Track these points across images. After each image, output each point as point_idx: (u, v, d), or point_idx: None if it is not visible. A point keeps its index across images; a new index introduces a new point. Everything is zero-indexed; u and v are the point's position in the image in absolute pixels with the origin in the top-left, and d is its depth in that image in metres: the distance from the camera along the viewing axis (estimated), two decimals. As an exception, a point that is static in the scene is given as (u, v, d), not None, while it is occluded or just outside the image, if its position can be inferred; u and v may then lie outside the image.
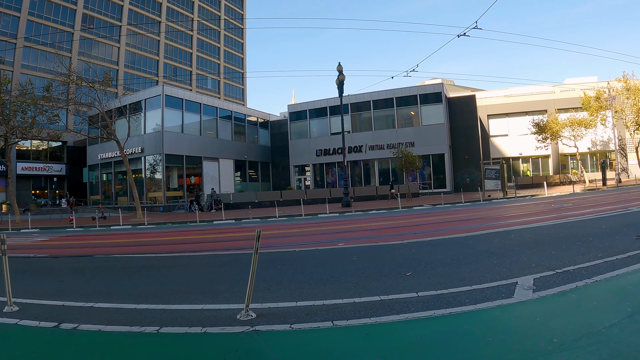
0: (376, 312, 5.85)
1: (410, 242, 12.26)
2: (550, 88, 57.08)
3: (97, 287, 8.60)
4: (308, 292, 7.27)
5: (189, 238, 18.58)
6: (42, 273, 10.89)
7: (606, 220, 14.59)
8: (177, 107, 43.29)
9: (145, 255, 13.20)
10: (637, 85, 45.09)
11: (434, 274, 8.05)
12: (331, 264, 9.73)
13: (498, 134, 55.48)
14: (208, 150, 46.70)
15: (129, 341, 5.31)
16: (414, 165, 37.99)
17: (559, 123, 44.36)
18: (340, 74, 32.88)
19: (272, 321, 5.70)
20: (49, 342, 5.42)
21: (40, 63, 55.58)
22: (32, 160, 53.63)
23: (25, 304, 7.32)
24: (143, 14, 71.80)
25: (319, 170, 50.94)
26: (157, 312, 6.59)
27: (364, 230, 16.92)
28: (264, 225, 23.07)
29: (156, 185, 43.30)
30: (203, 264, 11.09)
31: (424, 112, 45.97)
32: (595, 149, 52.91)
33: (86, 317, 6.40)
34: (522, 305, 5.81)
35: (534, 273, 7.52)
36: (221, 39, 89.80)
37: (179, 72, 78.45)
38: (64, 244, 18.56)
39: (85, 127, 47.19)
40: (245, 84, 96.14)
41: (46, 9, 57.83)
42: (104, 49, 65.88)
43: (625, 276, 6.80)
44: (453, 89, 62.68)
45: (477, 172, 44.52)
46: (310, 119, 50.94)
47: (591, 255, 8.62)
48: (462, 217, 19.96)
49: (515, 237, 12.05)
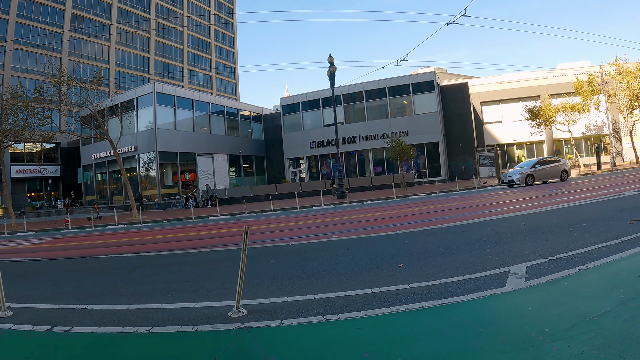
0: (367, 305, 5.82)
1: (404, 233, 12.25)
2: (543, 74, 57.15)
3: (90, 289, 8.56)
4: (300, 287, 7.24)
5: (183, 235, 18.54)
6: (37, 276, 10.85)
7: (600, 205, 14.58)
8: (169, 104, 43.24)
9: (139, 254, 13.15)
10: (630, 69, 45.27)
11: (427, 264, 8.03)
12: (324, 257, 9.70)
13: (492, 120, 55.52)
14: (202, 146, 46.69)
15: (121, 342, 5.28)
16: (408, 154, 38.02)
17: (553, 108, 44.50)
18: (332, 65, 32.83)
19: (263, 317, 5.67)
20: (43, 345, 5.38)
21: (30, 65, 55.39)
22: (26, 162, 53.53)
23: (19, 308, 7.28)
24: (132, 12, 71.55)
25: (314, 162, 51.04)
26: (149, 311, 6.55)
27: (358, 222, 16.89)
28: (259, 219, 23.07)
29: (151, 183, 43.24)
30: (196, 261, 11.06)
31: (416, 101, 46.02)
32: (589, 134, 53.05)
33: (79, 320, 6.37)
34: (514, 294, 5.77)
35: (526, 261, 7.49)
36: (212, 34, 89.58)
37: (170, 68, 78.25)
38: (59, 246, 18.50)
39: (78, 127, 47.10)
40: (237, 79, 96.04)
41: (35, 10, 57.61)
42: (94, 48, 65.67)
43: (619, 262, 6.76)
44: (446, 77, 62.62)
45: (472, 160, 44.59)
46: (303, 111, 50.98)
47: (585, 242, 8.60)
48: (457, 206, 19.95)
49: (508, 224, 12.03)
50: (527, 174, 29.78)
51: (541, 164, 30.90)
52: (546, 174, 30.54)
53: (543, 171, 30.41)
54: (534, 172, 29.97)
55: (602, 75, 44.09)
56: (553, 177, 30.81)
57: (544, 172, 30.47)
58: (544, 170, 30.43)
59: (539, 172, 30.19)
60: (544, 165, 30.73)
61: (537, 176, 30.07)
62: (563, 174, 30.86)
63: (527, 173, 29.83)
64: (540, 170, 30.31)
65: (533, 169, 30.19)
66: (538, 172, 30.15)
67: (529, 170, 30.05)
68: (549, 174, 30.64)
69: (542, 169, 30.40)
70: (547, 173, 30.58)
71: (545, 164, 31.05)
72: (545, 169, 30.53)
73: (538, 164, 30.75)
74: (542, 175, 30.39)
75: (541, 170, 30.34)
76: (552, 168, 30.78)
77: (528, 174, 29.79)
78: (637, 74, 44.56)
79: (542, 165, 30.76)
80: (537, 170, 30.15)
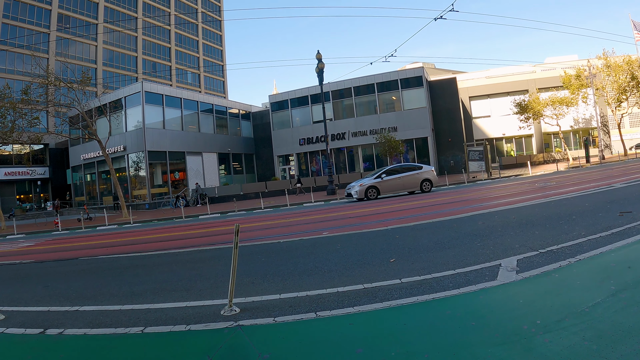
0: (359, 300, 5.84)
1: (395, 228, 12.27)
2: (531, 68, 57.45)
3: (82, 290, 8.51)
4: (292, 284, 7.25)
5: (174, 235, 18.48)
6: (28, 279, 10.77)
7: (590, 197, 14.68)
8: (157, 103, 43.07)
9: (130, 254, 13.10)
10: (617, 62, 45.54)
11: (418, 259, 8.06)
12: (315, 254, 9.71)
13: (480, 115, 55.77)
14: (191, 145, 46.57)
15: (114, 343, 5.26)
16: (398, 149, 38.16)
17: (541, 102, 44.71)
18: (320, 61, 32.87)
19: (256, 315, 5.68)
20: (35, 348, 5.36)
21: (17, 66, 54.93)
22: (14, 164, 53.09)
23: (11, 311, 7.23)
24: (119, 11, 71.12)
25: (303, 159, 51.06)
26: (142, 312, 6.54)
27: (349, 218, 16.90)
28: (250, 217, 23.04)
29: (140, 182, 43.09)
30: (187, 260, 11.03)
31: (405, 96, 46.15)
32: (577, 127, 53.43)
33: (72, 322, 6.33)
34: (506, 287, 5.81)
35: (517, 254, 7.53)
36: (199, 32, 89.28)
37: (158, 67, 77.88)
38: (50, 248, 18.38)
39: (66, 128, 46.88)
40: (225, 77, 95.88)
41: (21, 11, 57.11)
42: (81, 48, 65.23)
43: (609, 254, 6.81)
44: (434, 72, 62.83)
45: (461, 154, 44.81)
46: (292, 108, 50.99)
47: (575, 234, 8.66)
48: (447, 200, 20.01)
49: (499, 218, 12.09)
50: (368, 186, 25.64)
51: (390, 173, 26.45)
52: (398, 186, 26.26)
53: (392, 182, 26.06)
54: (378, 184, 25.76)
55: (589, 69, 44.32)
56: (409, 188, 26.53)
57: (394, 183, 26.12)
58: (393, 181, 26.08)
59: (386, 183, 25.89)
60: (394, 175, 26.28)
61: (383, 188, 25.82)
62: (425, 184, 26.52)
63: (368, 185, 25.69)
64: (389, 182, 25.97)
65: (378, 179, 25.98)
66: (385, 184, 25.86)
67: (372, 182, 25.89)
68: (403, 185, 26.32)
69: (390, 179, 26.02)
70: (398, 184, 26.24)
71: (395, 173, 26.53)
72: (395, 179, 26.12)
73: (385, 173, 26.36)
74: (391, 187, 26.10)
75: (389, 181, 25.99)
76: (406, 178, 26.31)
77: (369, 186, 25.64)
78: (625, 68, 44.81)
79: (391, 175, 26.29)
80: (384, 182, 25.85)
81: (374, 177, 26.32)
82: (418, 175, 26.44)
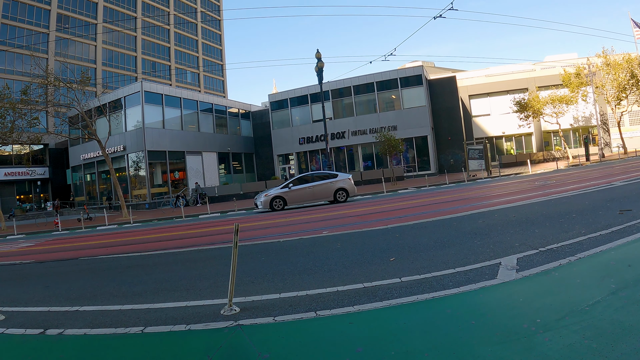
0: (359, 300, 5.84)
1: (395, 227, 12.26)
2: (530, 66, 57.45)
3: (82, 291, 8.51)
4: (292, 283, 7.25)
5: (174, 234, 18.46)
6: (28, 279, 10.77)
7: (589, 196, 14.68)
8: (157, 103, 43.02)
9: (130, 254, 13.08)
10: (617, 60, 45.51)
11: (418, 257, 8.05)
12: (315, 253, 9.70)
13: (480, 113, 55.70)
14: (190, 145, 46.52)
15: (114, 343, 5.26)
16: (397, 148, 38.09)
17: (540, 101, 44.67)
18: (319, 60, 32.78)
19: (256, 314, 5.68)
20: (35, 349, 5.36)
21: (16, 66, 54.88)
22: (14, 165, 53.00)
23: (11, 312, 7.24)
24: (119, 11, 71.08)
25: (303, 158, 50.99)
26: (141, 312, 6.53)
27: (349, 217, 16.88)
28: (249, 216, 23.00)
29: (140, 182, 43.06)
30: (187, 260, 11.02)
31: (405, 95, 46.11)
32: (577, 125, 53.37)
33: (72, 322, 6.33)
34: (506, 286, 5.81)
35: (517, 253, 7.53)
36: (199, 31, 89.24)
37: (157, 67, 77.84)
38: (50, 248, 18.37)
39: (65, 128, 46.83)
40: (225, 76, 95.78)
41: (20, 11, 57.07)
42: (81, 48, 65.18)
43: (609, 252, 6.81)
44: (434, 70, 62.72)
45: (461, 153, 44.78)
46: (291, 107, 50.93)
47: (574, 232, 8.65)
48: (446, 199, 19.99)
49: (499, 216, 12.08)
50: (274, 196, 24.64)
51: (300, 182, 25.41)
52: (307, 195, 25.03)
53: (301, 192, 24.93)
54: (285, 194, 24.75)
55: (589, 67, 44.31)
56: (320, 198, 25.36)
57: (303, 193, 24.96)
58: (301, 191, 24.93)
59: (293, 193, 24.83)
60: (303, 185, 25.10)
61: (290, 199, 24.78)
62: (339, 193, 25.18)
63: (274, 195, 24.69)
64: (297, 191, 24.88)
65: (285, 189, 24.93)
66: (292, 194, 24.82)
67: (277, 192, 24.88)
68: (313, 194, 25.03)
69: (298, 189, 24.91)
70: (308, 194, 25.01)
71: (305, 182, 25.34)
72: (303, 189, 24.94)
73: (293, 183, 25.32)
74: (299, 197, 25.00)
75: (298, 191, 24.88)
76: (317, 187, 25.04)
77: (275, 196, 24.63)
78: (624, 66, 44.76)
79: (301, 184, 25.18)
80: (292, 192, 24.82)
81: (281, 186, 25.37)
82: (332, 184, 25.18)
